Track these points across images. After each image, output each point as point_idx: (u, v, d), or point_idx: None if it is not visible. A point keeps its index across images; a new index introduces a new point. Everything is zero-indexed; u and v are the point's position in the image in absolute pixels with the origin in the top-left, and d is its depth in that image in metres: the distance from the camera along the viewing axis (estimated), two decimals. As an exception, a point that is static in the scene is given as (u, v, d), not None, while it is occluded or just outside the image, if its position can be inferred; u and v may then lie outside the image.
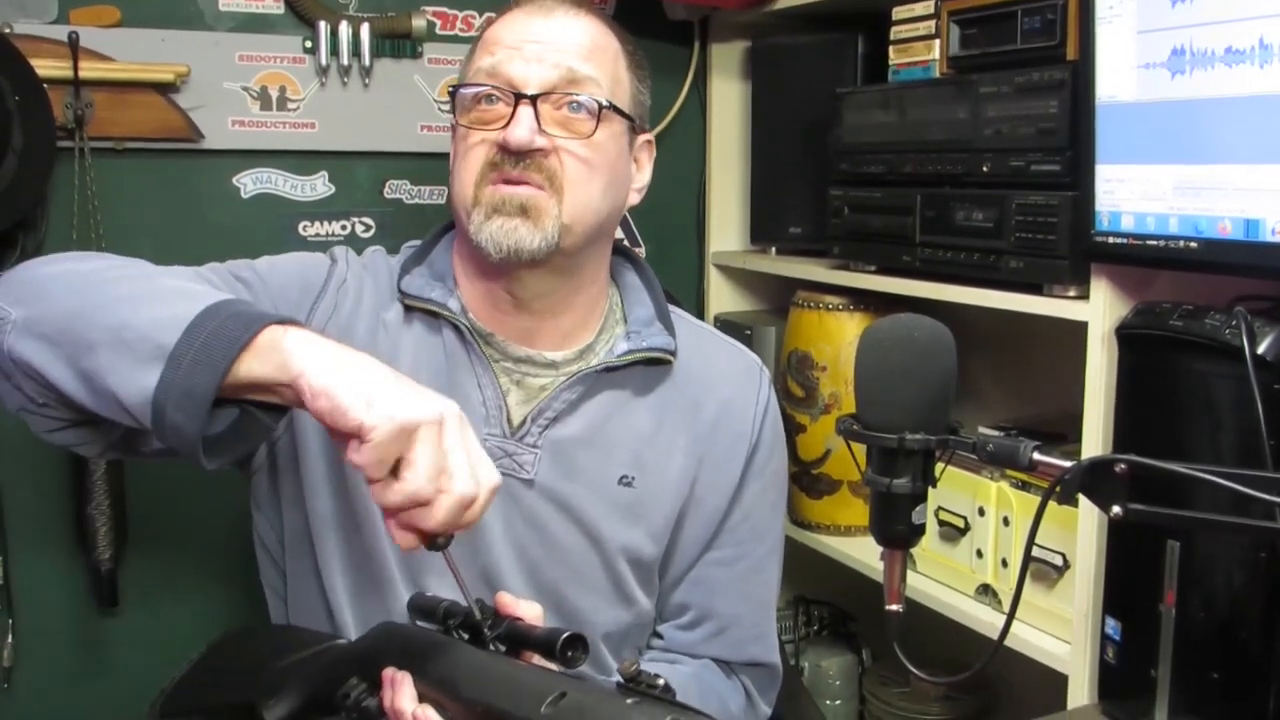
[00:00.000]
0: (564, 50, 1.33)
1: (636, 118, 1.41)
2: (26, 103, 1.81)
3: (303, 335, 1.05)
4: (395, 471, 1.00)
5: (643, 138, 1.45)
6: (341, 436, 1.01)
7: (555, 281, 1.37)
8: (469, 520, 1.02)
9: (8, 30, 1.85)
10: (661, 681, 0.91)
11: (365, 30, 2.08)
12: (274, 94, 2.06)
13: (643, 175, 1.46)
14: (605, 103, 1.33)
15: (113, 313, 1.06)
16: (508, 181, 1.31)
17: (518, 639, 1.06)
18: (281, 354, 1.03)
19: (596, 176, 1.34)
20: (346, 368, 1.03)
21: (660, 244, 2.41)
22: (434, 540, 1.03)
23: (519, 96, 1.31)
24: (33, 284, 1.14)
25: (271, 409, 1.08)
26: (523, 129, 1.29)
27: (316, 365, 1.02)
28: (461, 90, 1.36)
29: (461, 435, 1.03)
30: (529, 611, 1.12)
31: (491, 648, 1.07)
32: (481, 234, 1.31)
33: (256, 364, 1.03)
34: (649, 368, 1.42)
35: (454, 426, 1.02)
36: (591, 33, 1.37)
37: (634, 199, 1.45)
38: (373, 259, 1.47)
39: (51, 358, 1.08)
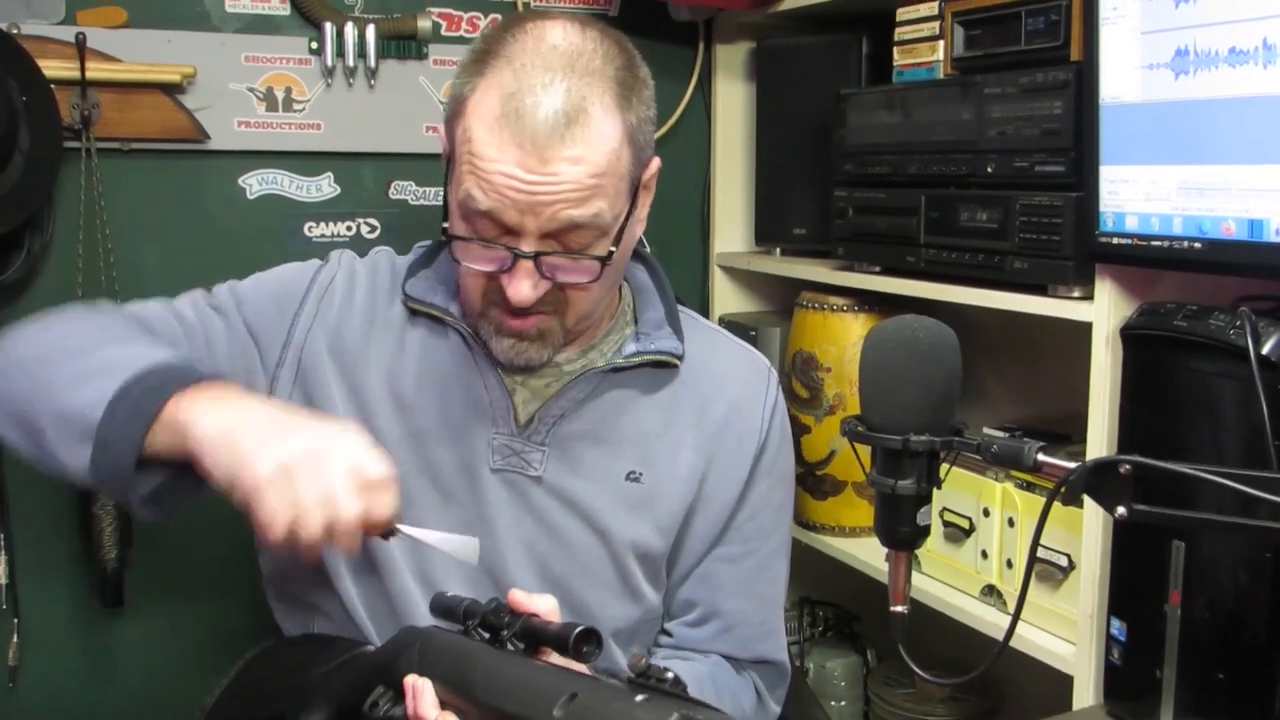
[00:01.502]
0: (563, 197, 1.22)
1: (641, 170, 1.32)
2: (33, 103, 1.82)
3: (198, 409, 1.15)
4: None
5: (649, 174, 1.35)
6: None
7: None
8: (348, 531, 1.10)
9: (15, 31, 1.86)
10: (671, 675, 0.92)
11: (371, 31, 2.08)
12: (280, 95, 2.06)
13: (646, 206, 1.39)
14: (608, 254, 1.26)
15: (57, 397, 1.20)
16: (514, 314, 1.30)
17: (534, 636, 1.08)
18: (176, 430, 1.15)
19: (605, 285, 1.33)
20: (222, 442, 1.13)
21: (665, 245, 2.40)
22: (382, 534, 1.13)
23: (518, 254, 1.24)
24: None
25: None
26: (525, 290, 1.25)
27: (200, 444, 1.14)
28: (457, 199, 1.28)
29: (315, 472, 1.09)
30: (542, 605, 1.13)
31: (510, 647, 1.08)
32: (492, 345, 1.35)
33: (163, 438, 1.16)
34: (656, 369, 1.43)
35: (303, 469, 1.09)
36: (593, 155, 1.23)
37: (638, 231, 1.39)
38: (376, 258, 1.49)
39: (16, 435, 1.25)
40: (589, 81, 1.24)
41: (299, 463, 1.09)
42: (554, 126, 1.20)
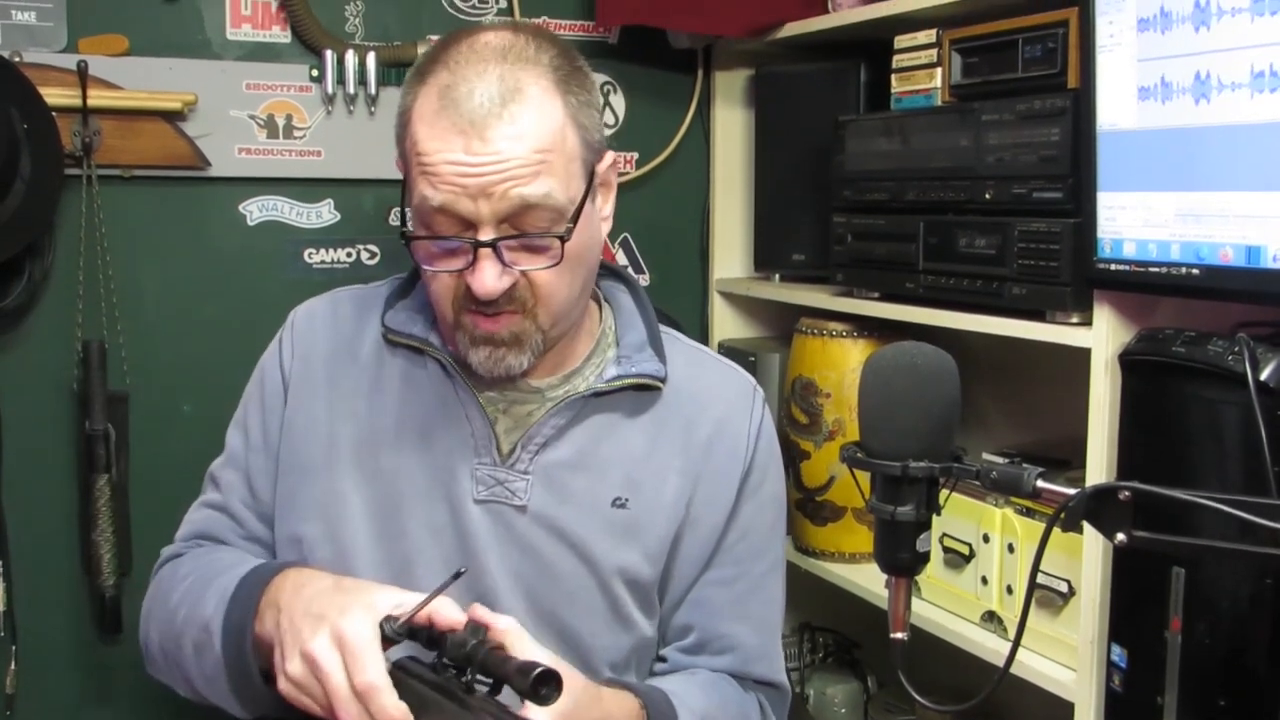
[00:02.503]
0: (511, 175, 1.22)
1: (594, 157, 1.32)
2: (35, 130, 1.83)
3: (266, 625, 1.23)
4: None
5: (604, 165, 1.35)
6: None
7: None
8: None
9: (17, 59, 1.87)
10: None
11: (371, 59, 2.09)
12: (280, 122, 2.07)
13: (609, 203, 1.39)
14: (566, 231, 1.26)
15: (197, 673, 1.31)
16: (486, 315, 1.30)
17: (495, 673, 1.08)
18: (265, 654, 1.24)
19: (572, 276, 1.31)
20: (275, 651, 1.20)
21: (664, 271, 2.42)
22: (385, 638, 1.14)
23: (477, 244, 1.24)
24: (154, 654, 1.42)
25: None
26: (489, 279, 1.25)
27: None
28: (413, 205, 1.29)
29: (333, 667, 1.13)
30: (506, 625, 1.17)
31: (478, 686, 1.09)
32: (469, 357, 1.33)
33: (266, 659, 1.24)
34: (639, 392, 1.42)
35: (319, 667, 1.13)
36: (534, 130, 1.23)
37: (604, 229, 1.39)
38: (336, 298, 1.50)
39: (182, 690, 1.38)
40: (522, 66, 1.25)
41: (302, 680, 1.15)
42: (490, 107, 1.22)
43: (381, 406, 1.40)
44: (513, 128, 1.22)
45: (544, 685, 1.02)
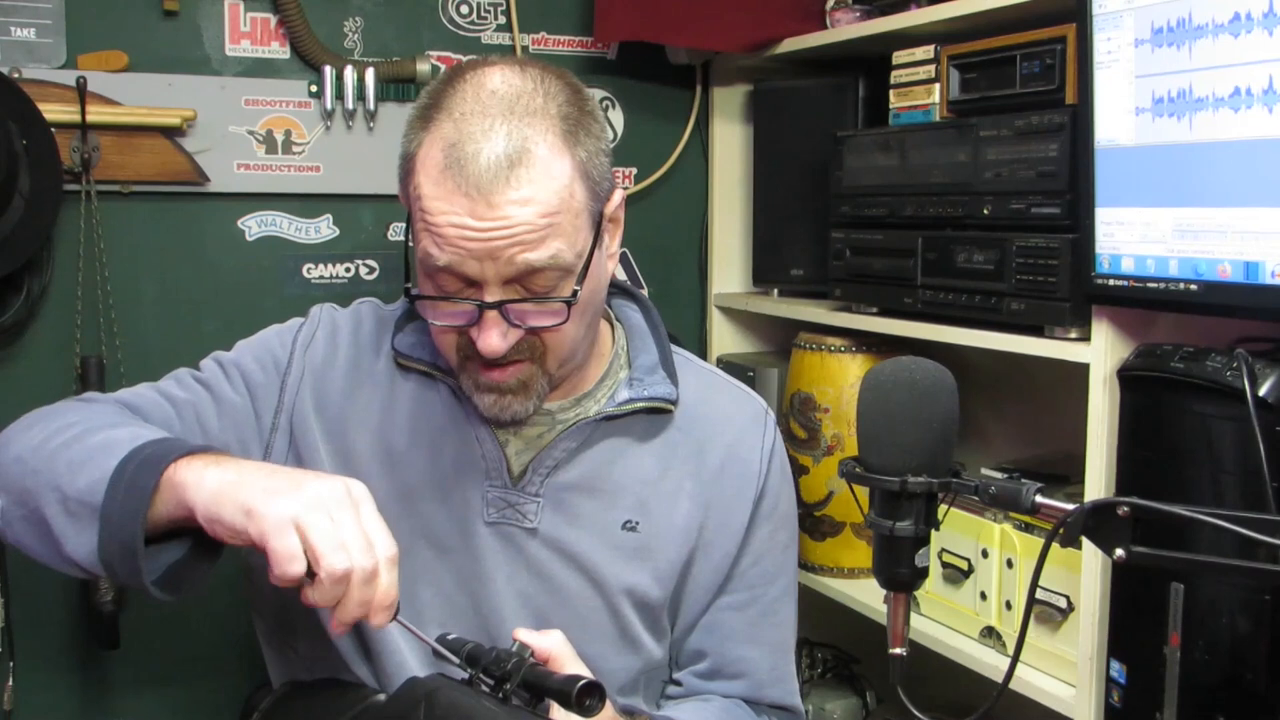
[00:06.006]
0: (518, 240, 1.20)
1: (602, 203, 1.29)
2: (34, 146, 1.83)
3: (197, 468, 1.13)
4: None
5: (612, 205, 1.32)
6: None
7: None
8: (380, 599, 1.08)
9: (16, 75, 1.87)
10: None
11: (370, 75, 2.10)
12: (279, 138, 2.08)
13: (616, 240, 1.37)
14: (573, 294, 1.24)
15: (59, 486, 1.17)
16: (491, 366, 1.28)
17: (536, 688, 1.07)
18: (177, 491, 1.12)
19: (580, 323, 1.30)
20: (229, 489, 1.10)
21: (662, 285, 2.42)
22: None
23: (483, 306, 1.23)
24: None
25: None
26: (494, 340, 1.23)
27: (203, 496, 1.10)
28: (417, 256, 1.27)
29: (353, 510, 1.08)
30: (543, 643, 1.16)
31: (515, 699, 1.08)
32: (475, 401, 1.33)
33: (165, 506, 1.13)
34: (651, 415, 1.42)
35: (342, 502, 1.08)
36: (542, 194, 1.20)
37: (611, 265, 1.37)
38: (359, 310, 1.48)
39: (26, 534, 1.21)
40: (530, 122, 1.21)
41: (314, 506, 1.07)
42: (497, 170, 1.18)
43: (394, 427, 1.39)
44: (520, 193, 1.19)
45: (589, 696, 1.02)
